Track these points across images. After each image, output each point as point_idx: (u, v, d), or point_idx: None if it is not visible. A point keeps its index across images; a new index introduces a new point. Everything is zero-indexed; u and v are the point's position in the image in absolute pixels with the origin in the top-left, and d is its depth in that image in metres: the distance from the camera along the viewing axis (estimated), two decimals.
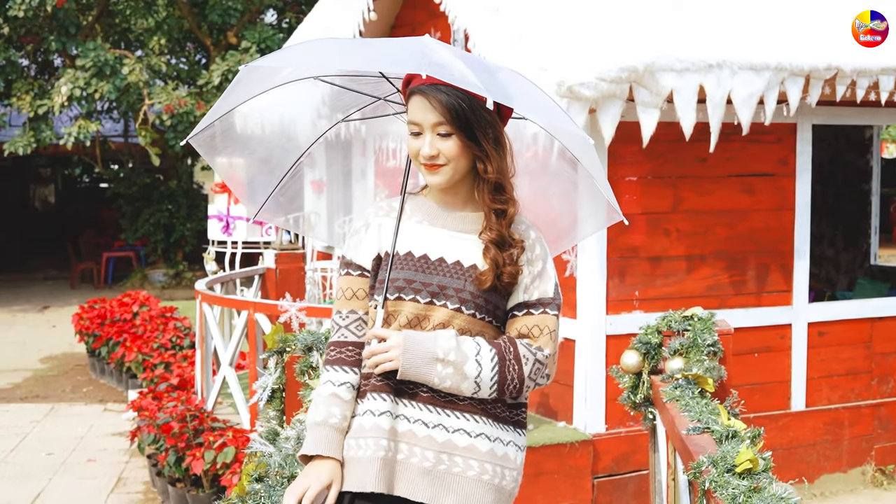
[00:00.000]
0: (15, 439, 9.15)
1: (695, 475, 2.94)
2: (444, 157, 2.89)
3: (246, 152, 3.46)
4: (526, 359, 2.90)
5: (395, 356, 2.85)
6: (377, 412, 2.91)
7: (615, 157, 6.66)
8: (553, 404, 7.04)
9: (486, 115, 2.86)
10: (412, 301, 2.93)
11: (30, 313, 17.04)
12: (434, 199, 3.06)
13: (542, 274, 2.99)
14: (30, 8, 15.76)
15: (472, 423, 2.92)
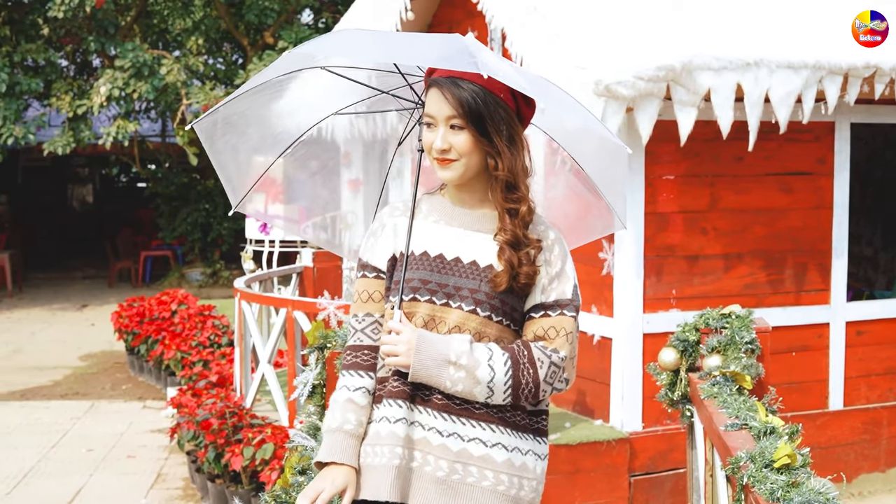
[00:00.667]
0: (56, 436, 9.25)
1: (733, 470, 2.96)
2: (455, 151, 2.85)
3: (242, 139, 3.40)
4: (541, 362, 2.84)
5: (405, 352, 2.81)
6: (393, 419, 2.86)
7: (652, 155, 6.68)
8: (590, 402, 7.06)
9: (501, 112, 2.82)
10: (427, 302, 2.88)
11: (69, 312, 17.20)
12: (451, 197, 3.01)
13: (560, 275, 2.92)
14: (69, 9, 15.90)
15: (488, 432, 2.86)
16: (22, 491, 7.68)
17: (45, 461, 8.46)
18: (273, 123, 3.40)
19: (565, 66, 6.33)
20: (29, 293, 19.36)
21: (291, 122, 3.41)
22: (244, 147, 3.40)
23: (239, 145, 3.38)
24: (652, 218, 6.73)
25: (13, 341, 14.35)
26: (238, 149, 3.40)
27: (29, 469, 8.21)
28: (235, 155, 3.42)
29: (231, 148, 3.38)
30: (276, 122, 3.40)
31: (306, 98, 3.34)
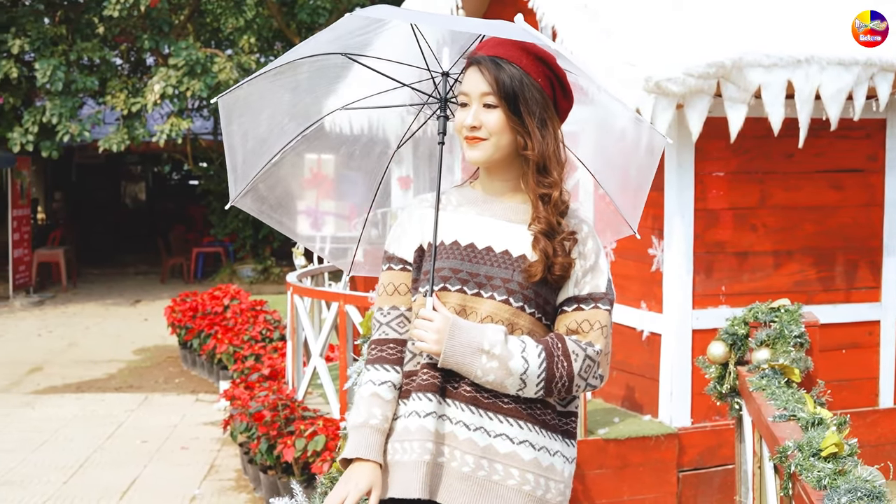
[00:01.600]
0: (111, 427, 9.40)
1: (780, 460, 3.00)
2: (486, 129, 2.79)
3: (253, 123, 3.27)
4: (576, 355, 2.74)
5: (436, 339, 2.73)
6: (423, 413, 2.77)
7: (702, 152, 6.70)
8: (639, 398, 7.09)
9: (536, 95, 2.77)
10: (458, 292, 2.80)
11: (122, 307, 17.42)
12: (481, 187, 2.94)
13: (594, 268, 2.84)
14: (124, 8, 16.12)
15: (515, 428, 2.76)
16: (78, 480, 7.82)
17: (100, 452, 8.61)
18: (283, 113, 3.28)
19: (616, 62, 6.37)
20: (83, 288, 19.62)
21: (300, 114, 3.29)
22: (253, 134, 3.28)
23: (249, 131, 3.27)
24: (702, 214, 6.75)
25: (68, 335, 14.57)
26: (248, 135, 3.27)
27: (85, 459, 8.36)
28: (244, 141, 3.28)
29: (243, 133, 3.26)
30: (285, 112, 3.28)
31: (319, 90, 3.25)
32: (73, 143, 17.79)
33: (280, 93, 3.22)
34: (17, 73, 16.32)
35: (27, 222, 19.09)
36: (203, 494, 7.52)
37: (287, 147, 3.28)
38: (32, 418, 9.77)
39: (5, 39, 16.40)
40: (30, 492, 7.54)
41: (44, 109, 16.51)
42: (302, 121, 3.28)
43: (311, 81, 3.20)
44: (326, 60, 3.10)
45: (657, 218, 6.83)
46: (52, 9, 17.88)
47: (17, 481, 7.79)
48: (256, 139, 3.26)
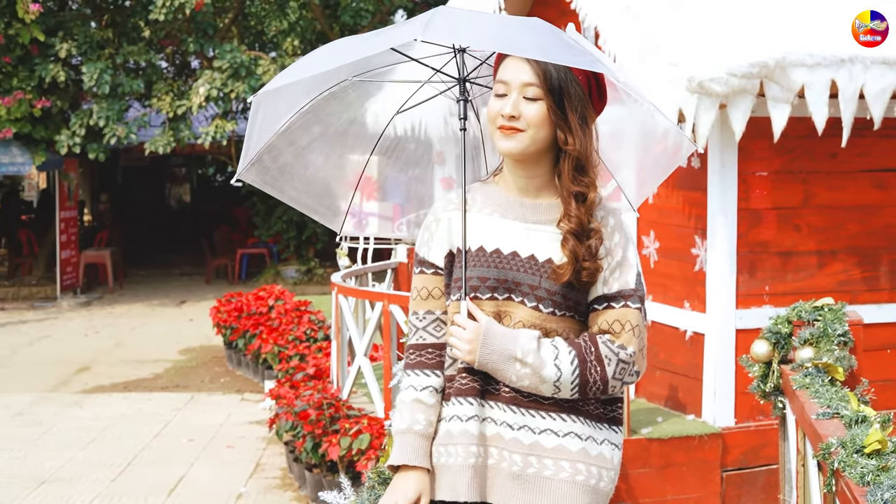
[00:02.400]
0: (158, 426, 9.52)
1: (823, 456, 3.02)
2: (525, 121, 2.74)
3: (273, 108, 3.28)
4: (608, 359, 2.74)
5: (469, 348, 2.74)
6: (465, 417, 2.79)
7: (745, 152, 6.70)
8: (682, 398, 7.10)
9: (578, 91, 2.74)
10: (490, 300, 2.80)
11: (168, 307, 17.59)
12: (506, 186, 2.89)
13: (622, 264, 2.80)
14: (169, 11, 16.28)
15: (559, 422, 2.77)
16: (127, 477, 7.93)
17: (147, 450, 8.72)
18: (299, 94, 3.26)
19: (658, 62, 6.39)
20: (129, 289, 19.83)
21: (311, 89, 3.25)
22: (271, 115, 3.28)
23: (268, 114, 3.27)
24: (745, 214, 6.74)
25: (115, 336, 14.74)
26: (266, 117, 3.27)
27: (133, 457, 8.47)
28: (263, 122, 3.27)
29: (262, 117, 3.26)
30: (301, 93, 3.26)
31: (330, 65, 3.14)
32: (120, 146, 17.98)
33: (304, 79, 3.17)
34: (65, 76, 16.53)
35: (74, 224, 19.31)
36: (249, 492, 7.61)
37: (294, 116, 3.26)
38: (81, 417, 9.90)
39: (53, 44, 16.60)
40: (79, 489, 7.66)
41: (91, 112, 16.71)
42: (311, 92, 3.24)
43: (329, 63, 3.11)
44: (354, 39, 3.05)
45: (700, 218, 6.84)
46: (98, 13, 18.10)
47: (67, 479, 7.91)
48: (273, 117, 3.27)
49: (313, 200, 3.54)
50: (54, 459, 8.41)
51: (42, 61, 16.59)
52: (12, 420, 9.82)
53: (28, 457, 8.52)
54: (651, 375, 7.41)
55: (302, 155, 3.42)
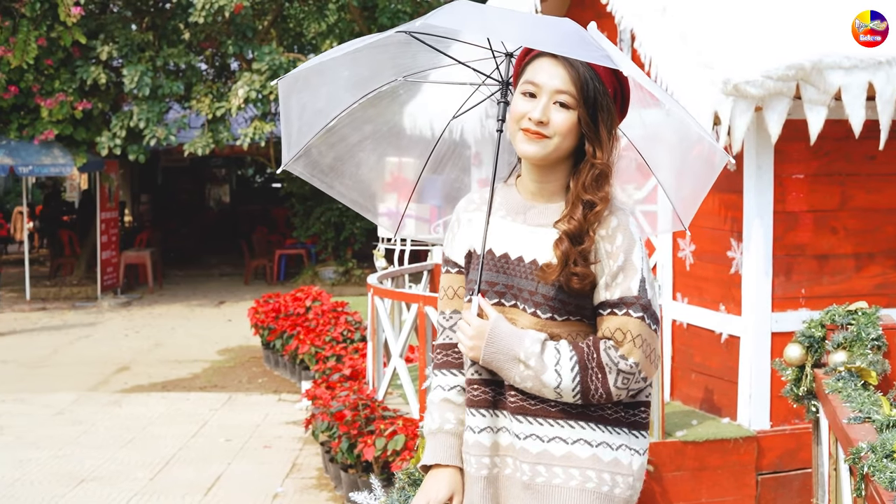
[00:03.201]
0: (196, 426, 9.59)
1: (854, 461, 3.01)
2: (552, 128, 2.68)
3: (311, 97, 3.23)
4: (609, 368, 2.66)
5: (472, 345, 2.72)
6: (477, 429, 2.79)
7: (782, 154, 6.68)
8: (717, 400, 7.08)
9: (609, 104, 2.70)
10: (497, 305, 2.77)
11: (207, 308, 17.70)
12: (522, 188, 2.84)
13: (624, 268, 2.69)
14: (209, 14, 16.39)
15: (567, 429, 2.72)
16: (164, 477, 8.01)
17: (185, 449, 8.79)
18: (341, 87, 3.21)
19: (693, 65, 6.38)
20: (169, 290, 19.97)
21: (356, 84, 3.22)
22: (311, 107, 3.23)
23: (307, 104, 3.22)
24: (781, 217, 6.72)
25: (154, 336, 14.86)
26: (305, 107, 3.23)
27: (170, 457, 8.55)
28: (301, 113, 3.23)
29: (301, 106, 3.22)
30: (343, 86, 3.21)
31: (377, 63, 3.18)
32: (159, 147, 18.12)
33: (339, 70, 3.18)
34: (106, 78, 16.68)
35: (115, 225, 19.48)
36: (286, 492, 7.66)
37: (342, 114, 3.22)
38: (120, 416, 10.00)
39: (94, 46, 16.76)
40: (117, 488, 7.73)
41: (131, 114, 16.85)
42: (358, 90, 3.21)
43: (370, 57, 3.15)
44: (387, 39, 3.03)
45: (736, 220, 6.83)
46: (139, 15, 18.25)
47: (105, 477, 8.00)
48: (313, 110, 3.22)
49: (366, 200, 3.52)
50: (93, 458, 8.50)
51: (83, 64, 16.76)
52: (53, 419, 9.92)
53: (68, 455, 8.62)
54: (687, 378, 7.40)
55: (353, 153, 3.40)
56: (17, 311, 17.40)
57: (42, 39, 15.96)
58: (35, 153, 17.00)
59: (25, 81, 16.32)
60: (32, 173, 17.46)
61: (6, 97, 16.36)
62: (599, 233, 2.71)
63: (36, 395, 10.96)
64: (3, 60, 15.89)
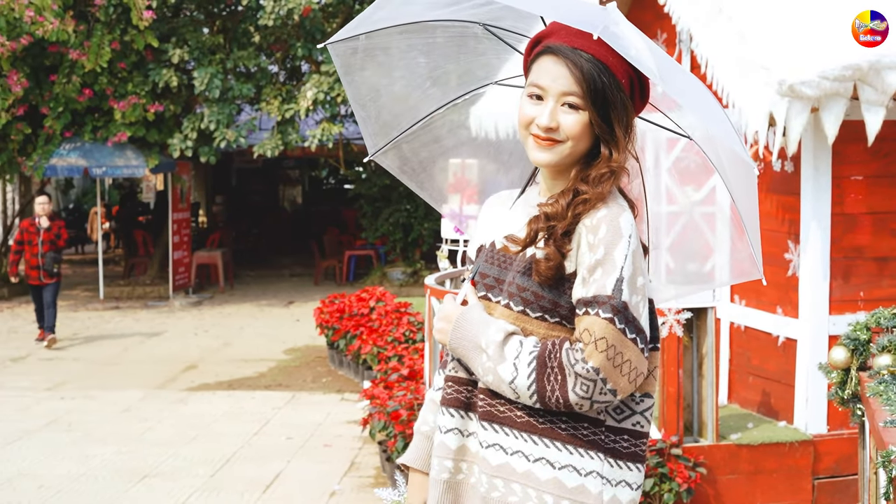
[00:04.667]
0: (258, 424, 9.71)
1: (883, 464, 2.99)
2: (563, 132, 2.46)
3: (384, 80, 3.02)
4: (568, 370, 2.37)
5: (441, 328, 2.56)
6: (444, 429, 2.60)
7: (839, 156, 6.62)
8: (774, 404, 7.03)
9: (622, 97, 2.46)
10: (483, 298, 2.59)
11: (276, 307, 17.87)
12: (543, 183, 2.64)
13: (603, 263, 2.40)
14: (278, 17, 16.56)
15: (530, 444, 2.46)
16: (225, 474, 8.12)
17: (246, 447, 8.90)
18: (421, 76, 3.00)
19: (750, 66, 6.34)
20: (239, 289, 20.20)
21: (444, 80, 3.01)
22: (387, 91, 3.03)
23: (381, 88, 3.02)
24: (839, 219, 6.66)
25: (223, 335, 15.04)
26: (379, 91, 3.02)
27: (232, 454, 8.66)
28: (376, 96, 3.03)
29: (370, 87, 3.01)
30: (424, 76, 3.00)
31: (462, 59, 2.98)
32: (230, 149, 18.34)
33: (413, 54, 2.95)
34: (178, 81, 16.92)
35: (187, 225, 19.75)
36: (343, 490, 7.73)
37: (436, 112, 3.02)
38: (185, 414, 10.15)
39: (166, 49, 17.01)
40: (179, 484, 7.85)
41: (202, 116, 17.08)
42: (448, 88, 3.00)
43: (450, 49, 2.94)
44: (464, 29, 2.84)
45: (793, 222, 6.77)
46: (210, 19, 18.48)
47: (168, 473, 8.13)
48: (392, 96, 3.04)
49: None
50: (157, 455, 8.64)
51: (156, 67, 17.02)
52: (120, 416, 10.10)
53: (132, 452, 8.76)
54: (744, 381, 7.35)
55: (447, 157, 3.21)
56: (90, 309, 17.71)
57: (116, 43, 16.23)
58: (109, 155, 17.31)
59: (99, 84, 16.61)
60: (106, 175, 17.77)
61: (81, 100, 16.67)
62: (584, 222, 2.45)
63: (105, 392, 11.16)
64: (77, 64, 16.19)
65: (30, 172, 17.63)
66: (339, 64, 2.95)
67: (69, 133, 17.26)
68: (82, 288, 20.18)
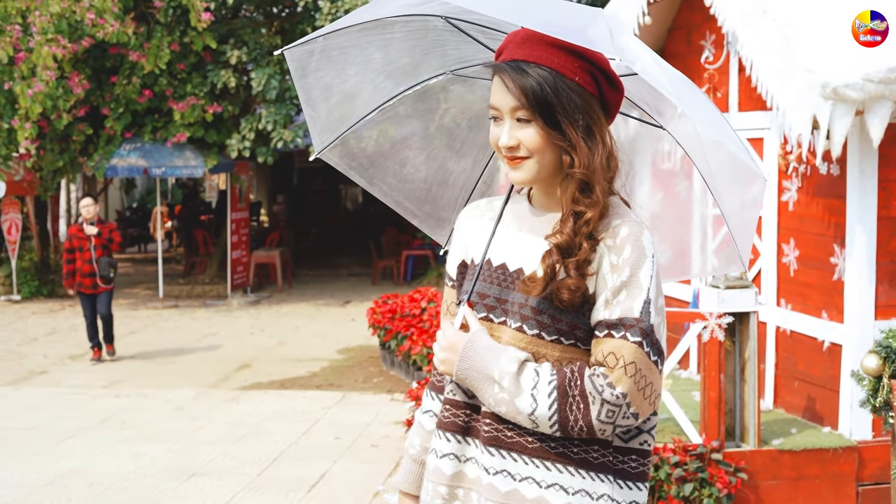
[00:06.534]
0: (307, 424, 9.77)
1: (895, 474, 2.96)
2: (525, 148, 2.39)
3: (337, 78, 2.93)
4: (593, 397, 2.31)
5: (443, 358, 2.47)
6: (440, 453, 2.52)
7: (885, 158, 6.54)
8: (819, 409, 6.96)
9: (575, 99, 2.35)
10: (484, 319, 2.49)
11: (333, 307, 17.97)
12: (534, 199, 2.57)
13: (629, 285, 2.35)
14: (335, 18, 16.64)
15: (542, 470, 2.40)
16: (271, 472, 8.19)
17: (294, 447, 8.97)
18: (375, 71, 2.94)
19: (794, 68, 6.29)
20: (297, 289, 20.34)
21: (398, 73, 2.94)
22: (338, 89, 2.94)
23: (332, 85, 2.93)
24: (885, 223, 6.58)
25: (278, 334, 15.16)
26: (331, 89, 2.94)
27: (279, 453, 8.73)
28: (327, 95, 2.95)
29: (324, 87, 2.93)
30: (378, 71, 2.94)
31: (417, 50, 2.90)
32: (287, 149, 18.46)
33: (369, 50, 2.89)
34: (235, 82, 17.07)
35: (245, 225, 19.91)
36: (387, 490, 7.75)
37: (385, 105, 2.95)
38: (236, 413, 10.25)
39: (224, 51, 17.17)
40: (225, 482, 7.94)
41: (260, 117, 17.22)
42: (401, 80, 2.94)
43: (408, 43, 2.89)
44: (424, 22, 2.76)
45: (839, 226, 6.70)
46: (268, 20, 18.62)
47: (215, 472, 8.21)
48: (343, 94, 2.96)
49: (410, 202, 3.17)
50: (206, 453, 8.73)
51: (214, 68, 17.19)
52: (172, 414, 10.22)
53: (182, 450, 8.87)
54: (790, 386, 7.28)
55: (397, 150, 3.12)
56: (150, 308, 17.93)
57: (175, 45, 16.42)
58: (168, 155, 17.52)
59: (159, 85, 16.82)
60: (165, 175, 17.98)
61: (141, 101, 16.89)
62: (606, 242, 2.39)
63: (159, 390, 11.30)
64: (137, 65, 16.40)
65: (91, 172, 17.89)
66: (294, 67, 2.90)
67: (129, 134, 17.48)
68: (143, 286, 20.43)
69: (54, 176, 17.97)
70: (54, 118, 15.92)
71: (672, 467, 6.22)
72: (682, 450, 6.30)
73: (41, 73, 14.79)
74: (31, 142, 15.57)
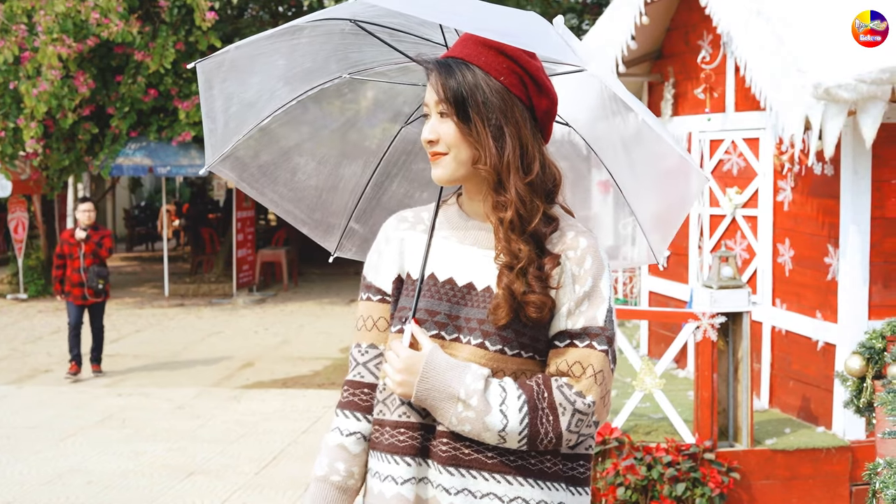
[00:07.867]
0: (307, 422, 9.81)
1: (869, 476, 2.98)
2: (443, 143, 2.38)
3: (240, 87, 2.84)
4: (563, 408, 2.31)
5: (401, 380, 2.37)
6: (400, 480, 2.40)
7: (879, 159, 6.55)
8: (813, 409, 6.97)
9: (494, 99, 2.34)
10: (436, 337, 2.39)
11: (337, 306, 18.01)
12: (466, 207, 2.51)
13: (591, 295, 2.35)
14: None
15: (504, 485, 2.37)
16: (270, 471, 8.22)
17: (294, 445, 9.01)
18: (276, 77, 2.85)
19: (786, 69, 6.30)
20: (303, 287, 20.38)
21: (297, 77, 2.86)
22: (238, 98, 2.86)
23: (234, 95, 2.85)
24: (879, 223, 6.59)
25: (282, 333, 15.20)
26: (232, 98, 2.85)
27: (279, 452, 8.77)
28: (227, 105, 2.85)
29: (226, 96, 2.84)
30: (278, 77, 2.85)
31: (320, 55, 2.82)
32: None
33: (274, 57, 2.82)
34: None
35: (251, 223, 19.96)
36: None
37: (278, 111, 2.89)
38: (237, 411, 10.28)
39: None
40: (223, 481, 7.97)
41: None
42: (297, 85, 2.87)
43: (312, 46, 2.80)
44: (332, 27, 2.71)
45: (833, 226, 6.71)
46: (274, 19, 18.67)
47: (213, 471, 8.25)
48: (242, 103, 2.87)
49: (301, 210, 3.11)
50: (205, 452, 8.77)
51: None
52: (173, 413, 10.26)
53: (182, 448, 8.91)
54: (785, 386, 7.30)
55: (288, 157, 3.06)
56: (155, 307, 17.98)
57: (180, 44, 16.46)
58: (173, 154, 17.58)
59: (164, 85, 16.87)
60: (170, 174, 18.04)
61: (146, 100, 16.94)
62: (567, 254, 2.38)
63: (161, 389, 11.34)
64: (143, 65, 16.45)
65: (97, 171, 17.95)
66: (203, 80, 2.80)
67: (135, 133, 17.53)
68: (149, 285, 20.50)
69: (60, 175, 18.02)
70: (60, 117, 15.96)
71: (665, 467, 6.24)
72: (674, 449, 6.32)
73: (46, 72, 14.85)
74: (37, 141, 15.64)
